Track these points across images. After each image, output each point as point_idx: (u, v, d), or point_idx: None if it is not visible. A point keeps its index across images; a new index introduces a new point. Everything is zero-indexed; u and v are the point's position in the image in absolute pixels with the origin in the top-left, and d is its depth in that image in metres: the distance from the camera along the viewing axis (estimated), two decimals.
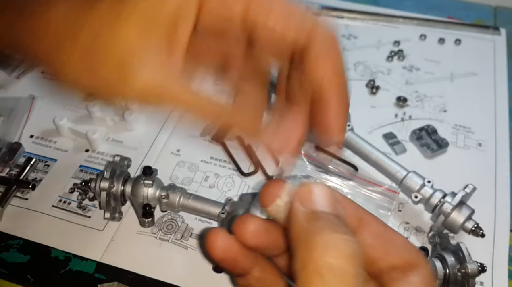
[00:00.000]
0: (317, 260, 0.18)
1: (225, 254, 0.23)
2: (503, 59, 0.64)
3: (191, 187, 0.50)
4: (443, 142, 0.53)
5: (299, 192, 0.21)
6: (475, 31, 0.68)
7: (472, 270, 0.38)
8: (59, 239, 0.46)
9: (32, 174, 0.51)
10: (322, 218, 0.19)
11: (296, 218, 0.20)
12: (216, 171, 0.51)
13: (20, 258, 0.45)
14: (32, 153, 0.53)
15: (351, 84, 0.62)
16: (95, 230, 0.46)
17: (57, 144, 0.54)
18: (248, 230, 0.23)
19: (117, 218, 0.46)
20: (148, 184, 0.44)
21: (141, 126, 0.55)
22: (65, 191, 0.49)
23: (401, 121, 0.56)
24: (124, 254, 0.45)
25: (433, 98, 0.59)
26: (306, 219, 0.20)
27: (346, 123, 0.28)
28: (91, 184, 0.44)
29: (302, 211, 0.20)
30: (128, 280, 0.43)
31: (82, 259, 0.44)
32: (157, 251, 0.45)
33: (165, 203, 0.44)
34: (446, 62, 0.63)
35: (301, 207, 0.20)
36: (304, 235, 0.19)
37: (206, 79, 0.31)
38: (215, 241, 0.23)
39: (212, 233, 0.23)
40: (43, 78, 0.61)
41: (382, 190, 0.45)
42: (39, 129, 0.55)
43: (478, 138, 0.55)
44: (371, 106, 0.58)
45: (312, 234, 0.19)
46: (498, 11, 0.72)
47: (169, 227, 0.46)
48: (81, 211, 0.48)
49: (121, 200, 0.45)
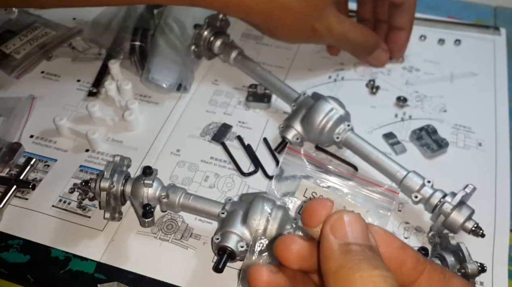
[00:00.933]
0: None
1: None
2: (503, 59, 0.64)
3: (191, 187, 0.50)
4: (443, 142, 0.53)
5: (330, 220, 0.20)
6: (475, 31, 0.68)
7: (472, 270, 0.38)
8: (59, 239, 0.46)
9: (32, 174, 0.51)
10: (358, 252, 0.19)
11: (330, 250, 0.19)
12: (216, 171, 0.51)
13: (20, 258, 0.45)
14: (32, 153, 0.53)
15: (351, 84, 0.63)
16: (95, 230, 0.46)
17: (57, 144, 0.54)
18: (292, 252, 0.22)
19: (117, 218, 0.46)
20: (148, 184, 0.44)
21: (141, 126, 0.55)
22: (65, 191, 0.49)
23: (401, 121, 0.56)
24: (124, 254, 0.45)
25: (433, 98, 0.59)
26: (341, 252, 0.19)
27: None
28: (91, 184, 0.44)
29: (336, 242, 0.19)
30: (128, 280, 0.43)
31: (82, 259, 0.44)
32: (157, 251, 0.45)
33: (165, 203, 0.44)
34: (446, 62, 0.63)
35: (333, 238, 0.19)
36: (341, 270, 0.18)
37: None
38: (260, 280, 0.22)
39: (255, 271, 0.23)
40: (43, 78, 0.61)
41: (382, 190, 0.45)
42: (39, 129, 0.55)
43: (478, 138, 0.55)
44: (371, 106, 0.58)
45: (351, 271, 0.18)
46: (498, 11, 0.72)
47: (169, 227, 0.46)
48: (81, 211, 0.48)
49: (121, 200, 0.45)
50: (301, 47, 0.66)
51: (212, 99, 0.59)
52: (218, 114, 0.57)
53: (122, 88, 0.57)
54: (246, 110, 0.58)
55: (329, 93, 0.58)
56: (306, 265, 0.22)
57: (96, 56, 0.64)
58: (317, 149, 0.53)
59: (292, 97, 0.53)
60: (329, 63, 0.63)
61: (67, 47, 0.65)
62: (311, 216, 0.21)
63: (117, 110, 0.57)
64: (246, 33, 0.68)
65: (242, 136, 0.54)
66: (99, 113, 0.55)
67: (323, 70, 0.62)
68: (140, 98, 0.58)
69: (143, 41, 0.62)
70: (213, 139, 0.54)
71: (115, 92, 0.57)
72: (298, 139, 0.51)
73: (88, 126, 0.54)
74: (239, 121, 0.56)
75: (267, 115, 0.57)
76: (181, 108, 0.58)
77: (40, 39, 0.64)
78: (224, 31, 0.60)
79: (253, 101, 0.57)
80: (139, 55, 0.61)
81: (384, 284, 0.17)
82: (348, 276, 0.18)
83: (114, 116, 0.56)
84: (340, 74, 0.62)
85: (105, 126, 0.55)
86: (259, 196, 0.43)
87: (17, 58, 0.61)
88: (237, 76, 0.60)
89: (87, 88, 0.60)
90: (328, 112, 0.49)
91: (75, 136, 0.54)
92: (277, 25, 0.53)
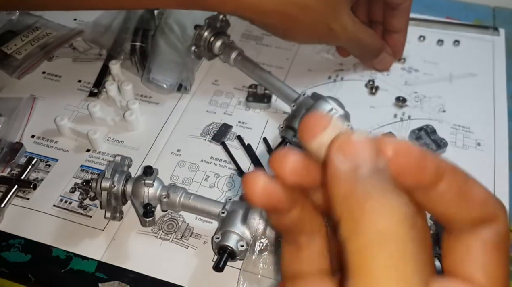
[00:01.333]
0: (369, 229, 0.16)
1: (267, 199, 0.21)
2: (502, 60, 0.64)
3: (192, 187, 0.50)
4: (442, 142, 0.53)
5: (338, 140, 0.18)
6: (474, 31, 0.68)
7: None
8: (60, 238, 0.46)
9: (33, 174, 0.51)
10: (368, 176, 0.17)
11: (337, 172, 0.18)
12: (217, 171, 0.51)
13: (21, 258, 0.45)
14: (34, 153, 0.53)
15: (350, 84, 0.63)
16: (96, 230, 0.47)
17: (58, 144, 0.54)
18: (287, 166, 0.20)
19: (118, 218, 0.46)
20: (149, 184, 0.44)
21: (141, 126, 0.56)
22: (66, 191, 0.50)
23: (400, 121, 0.57)
24: (125, 253, 0.45)
25: (432, 99, 0.59)
26: (350, 176, 0.17)
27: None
28: (92, 184, 0.44)
29: (345, 165, 0.17)
30: (129, 279, 0.43)
31: (83, 259, 0.45)
32: (157, 250, 0.45)
33: (166, 202, 0.45)
34: (445, 63, 0.64)
35: (341, 161, 0.18)
36: (350, 196, 0.17)
37: None
38: (255, 185, 0.20)
39: (251, 177, 0.21)
40: (44, 78, 0.62)
41: None
42: (40, 129, 0.56)
43: (477, 138, 0.55)
44: (371, 106, 0.58)
45: (361, 199, 0.17)
46: (497, 11, 0.72)
47: (169, 227, 0.47)
48: (82, 210, 0.48)
49: (122, 199, 0.45)
50: (301, 48, 0.66)
51: (212, 99, 0.59)
52: (218, 114, 0.57)
53: (122, 89, 0.57)
54: (246, 110, 0.58)
55: (329, 93, 0.59)
56: (304, 180, 0.21)
57: (97, 57, 0.64)
58: None
59: (292, 97, 0.53)
60: (328, 63, 0.64)
61: (68, 47, 0.65)
62: (305, 129, 0.19)
63: (118, 110, 0.57)
64: (246, 33, 0.68)
65: (242, 136, 0.54)
66: (100, 113, 0.55)
67: (322, 71, 0.63)
68: (140, 99, 0.59)
69: (143, 42, 0.62)
70: (213, 139, 0.54)
71: (116, 93, 0.57)
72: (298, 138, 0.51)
73: (89, 126, 0.54)
74: (239, 121, 0.56)
75: (267, 115, 0.57)
76: (181, 108, 0.58)
77: (41, 40, 0.64)
78: (224, 31, 0.61)
79: (253, 101, 0.57)
80: (140, 56, 0.61)
81: (398, 210, 0.17)
82: (358, 205, 0.17)
83: (115, 116, 0.56)
84: (340, 75, 0.62)
85: (106, 126, 0.56)
86: None
87: (18, 58, 0.62)
88: (237, 76, 0.61)
89: (88, 88, 0.60)
90: (328, 112, 0.49)
91: (76, 136, 0.55)
92: (294, 25, 0.52)
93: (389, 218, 0.16)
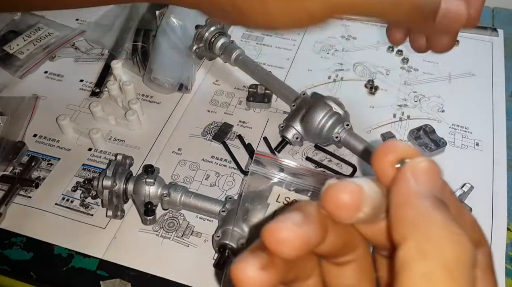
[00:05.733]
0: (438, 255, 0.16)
1: None
2: (500, 60, 0.64)
3: (192, 186, 0.50)
4: (441, 141, 0.53)
5: (413, 163, 0.18)
6: (473, 32, 0.68)
7: None
8: (62, 236, 0.46)
9: (36, 173, 0.52)
10: (436, 204, 0.17)
11: (408, 194, 0.17)
12: (217, 170, 0.52)
13: (23, 256, 0.45)
14: (36, 152, 0.54)
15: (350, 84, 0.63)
16: (97, 228, 0.47)
17: (60, 143, 0.55)
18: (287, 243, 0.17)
19: (119, 216, 0.47)
20: (150, 182, 0.44)
21: (143, 126, 0.56)
22: (68, 190, 0.50)
23: (399, 121, 0.57)
24: (126, 252, 0.45)
25: (431, 98, 0.59)
26: (421, 200, 0.17)
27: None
28: (93, 183, 0.45)
29: (417, 188, 0.17)
30: (130, 277, 0.44)
31: (85, 256, 0.45)
32: (158, 248, 0.45)
33: (167, 201, 0.45)
34: (444, 63, 0.64)
35: (414, 183, 0.17)
36: (423, 222, 0.16)
37: None
38: (244, 278, 0.17)
39: (237, 269, 0.17)
40: (47, 78, 0.62)
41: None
42: (42, 128, 0.56)
43: (476, 138, 0.55)
44: (370, 106, 0.59)
45: (435, 225, 0.16)
46: (496, 12, 0.72)
47: (170, 225, 0.47)
48: (83, 209, 0.48)
49: (123, 198, 0.45)
50: (301, 48, 0.66)
51: (213, 99, 0.59)
52: (219, 114, 0.58)
53: (124, 88, 0.57)
54: (247, 110, 0.58)
55: (329, 93, 0.59)
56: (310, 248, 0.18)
57: (98, 57, 0.64)
58: (316, 148, 0.54)
59: (292, 97, 0.54)
60: (328, 63, 0.64)
61: (70, 47, 0.65)
62: (384, 154, 0.19)
63: (119, 110, 0.57)
64: (246, 33, 0.68)
65: (242, 136, 0.55)
66: (102, 112, 0.56)
67: (322, 70, 0.63)
68: (142, 98, 0.59)
69: (145, 42, 0.63)
70: (214, 138, 0.55)
71: (118, 92, 0.57)
72: (297, 138, 0.52)
73: (90, 125, 0.55)
74: (240, 121, 0.57)
75: (267, 115, 0.58)
76: (182, 108, 0.58)
77: (44, 40, 0.64)
78: (225, 31, 0.61)
79: (254, 101, 0.58)
80: (141, 56, 0.62)
81: (461, 243, 0.16)
82: (431, 230, 0.16)
83: (117, 116, 0.56)
84: (340, 74, 0.63)
85: (107, 125, 0.56)
86: None
87: (21, 58, 0.62)
88: (238, 76, 0.61)
89: (89, 88, 0.60)
90: (327, 112, 0.50)
91: (78, 135, 0.55)
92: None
93: (459, 249, 0.16)
